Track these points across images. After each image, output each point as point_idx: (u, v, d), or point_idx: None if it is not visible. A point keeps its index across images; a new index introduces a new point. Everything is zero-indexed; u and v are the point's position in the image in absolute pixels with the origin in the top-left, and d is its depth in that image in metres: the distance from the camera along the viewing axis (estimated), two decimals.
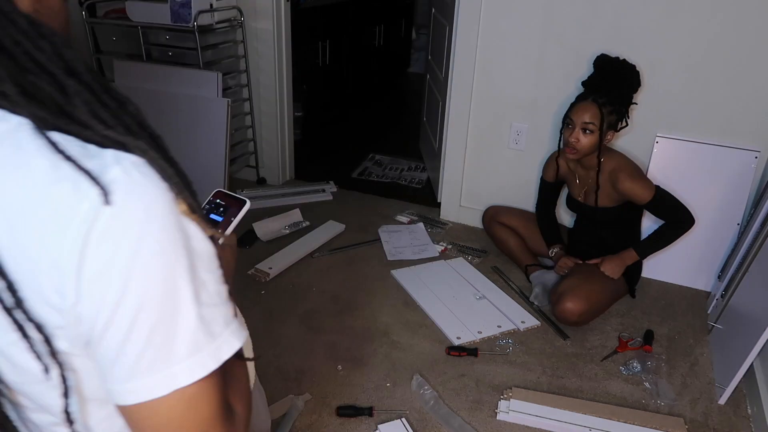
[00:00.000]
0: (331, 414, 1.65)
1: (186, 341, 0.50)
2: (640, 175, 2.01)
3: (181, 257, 0.50)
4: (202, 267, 0.53)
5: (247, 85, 2.86)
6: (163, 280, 0.49)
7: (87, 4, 2.72)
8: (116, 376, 0.50)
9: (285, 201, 2.85)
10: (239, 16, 2.72)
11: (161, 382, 0.50)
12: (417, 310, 2.12)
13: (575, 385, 1.80)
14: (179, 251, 0.50)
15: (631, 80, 2.05)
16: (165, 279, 0.49)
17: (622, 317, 2.13)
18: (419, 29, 5.49)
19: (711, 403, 1.76)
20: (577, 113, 1.96)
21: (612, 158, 2.04)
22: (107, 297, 0.47)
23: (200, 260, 0.53)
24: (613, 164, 2.02)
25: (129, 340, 0.49)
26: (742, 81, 2.11)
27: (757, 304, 1.73)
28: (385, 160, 3.49)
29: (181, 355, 0.50)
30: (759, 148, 2.15)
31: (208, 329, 0.52)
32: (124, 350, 0.49)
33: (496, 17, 2.35)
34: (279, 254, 2.38)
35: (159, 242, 0.49)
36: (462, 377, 1.81)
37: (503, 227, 2.40)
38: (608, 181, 2.03)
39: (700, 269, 2.29)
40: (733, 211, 2.20)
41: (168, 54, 2.67)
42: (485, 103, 2.51)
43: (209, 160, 2.54)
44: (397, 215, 2.78)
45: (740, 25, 2.04)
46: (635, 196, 1.99)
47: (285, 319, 2.04)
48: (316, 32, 3.64)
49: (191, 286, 0.51)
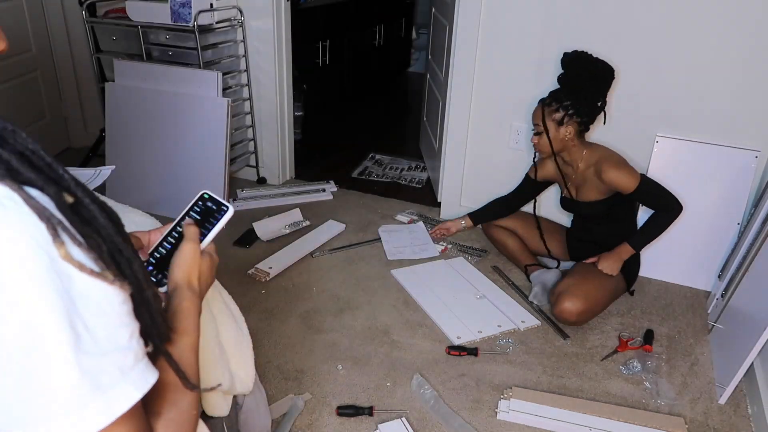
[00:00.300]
0: (331, 414, 1.65)
1: (65, 396, 0.45)
2: (624, 165, 2.04)
3: (51, 303, 0.44)
4: (89, 311, 0.47)
5: (247, 84, 2.86)
6: (24, 331, 0.43)
7: (87, 3, 2.72)
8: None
9: (285, 201, 2.85)
10: (239, 15, 2.72)
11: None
12: (417, 309, 2.12)
13: (575, 384, 1.80)
14: (49, 297, 0.44)
15: (580, 74, 2.06)
16: (26, 330, 0.43)
17: (622, 317, 2.13)
18: (419, 29, 5.49)
19: (711, 403, 1.76)
20: (533, 117, 2.11)
21: (595, 151, 2.09)
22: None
23: (85, 303, 0.46)
24: (596, 156, 2.07)
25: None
26: (742, 81, 2.11)
27: (757, 304, 1.73)
28: (385, 159, 3.49)
29: (59, 412, 0.45)
30: (759, 148, 2.15)
31: (94, 382, 0.46)
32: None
33: (496, 17, 2.35)
34: (279, 254, 2.38)
35: (17, 289, 0.43)
36: (462, 377, 1.81)
37: (501, 229, 2.40)
38: (594, 174, 2.06)
39: (701, 269, 2.29)
40: (733, 211, 2.20)
41: (168, 54, 2.67)
42: (485, 103, 2.51)
43: (209, 159, 2.54)
44: (397, 215, 2.78)
45: (740, 25, 2.04)
46: (621, 185, 2.00)
47: (285, 319, 2.04)
48: (316, 32, 3.64)
49: (68, 334, 0.45)
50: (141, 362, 0.50)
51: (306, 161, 3.31)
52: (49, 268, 0.45)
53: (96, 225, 0.51)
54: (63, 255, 0.46)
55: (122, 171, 2.45)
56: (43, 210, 0.46)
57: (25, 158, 0.48)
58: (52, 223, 0.46)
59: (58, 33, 3.14)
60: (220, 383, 0.95)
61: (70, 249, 0.46)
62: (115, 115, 2.69)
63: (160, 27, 2.60)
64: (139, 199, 2.53)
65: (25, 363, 0.44)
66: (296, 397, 1.68)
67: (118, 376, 0.48)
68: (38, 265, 0.44)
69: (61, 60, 3.21)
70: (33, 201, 0.46)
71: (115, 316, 0.49)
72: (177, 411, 0.58)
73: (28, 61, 3.03)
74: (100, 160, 3.00)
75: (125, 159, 2.67)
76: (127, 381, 0.48)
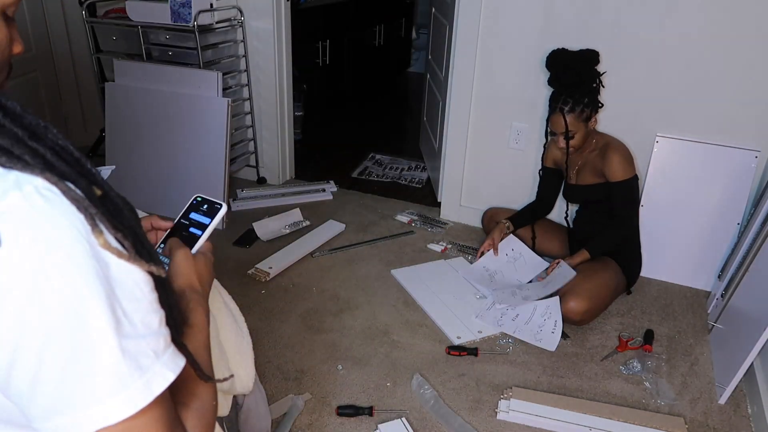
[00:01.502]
0: (331, 413, 1.65)
1: (108, 377, 0.47)
2: (627, 156, 2.09)
3: (94, 289, 0.47)
4: (125, 296, 0.49)
5: (247, 84, 2.86)
6: (69, 315, 0.46)
7: (87, 3, 2.72)
8: (36, 415, 0.48)
9: (285, 201, 2.85)
10: (239, 15, 2.72)
11: (84, 421, 0.47)
12: (417, 309, 2.12)
13: (575, 384, 1.80)
14: (92, 283, 0.47)
15: (581, 69, 2.11)
16: (71, 314, 0.46)
17: (622, 317, 2.13)
18: (419, 29, 5.49)
19: (711, 403, 1.76)
20: (554, 126, 2.11)
21: (604, 137, 2.17)
22: (3, 338, 0.45)
23: (122, 289, 0.49)
24: (607, 139, 2.14)
25: (39, 380, 0.46)
26: (742, 81, 2.11)
27: (757, 304, 1.73)
28: (385, 159, 3.49)
29: (105, 393, 0.47)
30: (759, 148, 2.15)
31: (134, 363, 0.48)
32: (36, 390, 0.46)
33: (496, 17, 2.35)
34: (279, 254, 2.38)
35: (62, 275, 0.46)
36: (462, 377, 1.81)
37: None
38: (598, 155, 2.12)
39: (700, 269, 2.29)
40: (733, 211, 2.20)
41: (168, 54, 2.67)
42: (485, 102, 2.51)
43: (209, 159, 2.54)
44: (397, 215, 2.78)
45: (740, 25, 2.04)
46: (612, 169, 2.05)
47: (285, 319, 2.04)
48: (316, 32, 3.64)
49: (109, 318, 0.47)
50: (170, 347, 0.53)
51: (306, 161, 3.31)
52: (90, 255, 0.48)
53: (121, 217, 0.54)
54: (102, 243, 0.49)
55: (122, 171, 2.45)
56: (82, 200, 0.48)
57: (57, 153, 0.51)
58: (90, 213, 0.48)
59: (58, 33, 3.14)
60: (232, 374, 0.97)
61: (108, 237, 0.49)
62: (115, 115, 2.69)
63: (160, 27, 2.59)
64: (138, 199, 2.52)
65: (70, 347, 0.46)
66: (296, 397, 1.68)
67: (154, 359, 0.50)
68: (81, 252, 0.47)
69: (61, 60, 3.21)
70: (72, 192, 0.48)
71: (147, 302, 0.52)
72: (200, 402, 0.61)
73: (28, 61, 3.03)
74: (100, 160, 3.01)
75: (125, 159, 2.67)
76: (162, 363, 0.51)
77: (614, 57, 2.21)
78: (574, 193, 2.24)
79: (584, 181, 2.16)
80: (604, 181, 2.10)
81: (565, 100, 2.04)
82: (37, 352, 0.46)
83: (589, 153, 2.15)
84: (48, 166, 0.49)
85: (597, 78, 2.14)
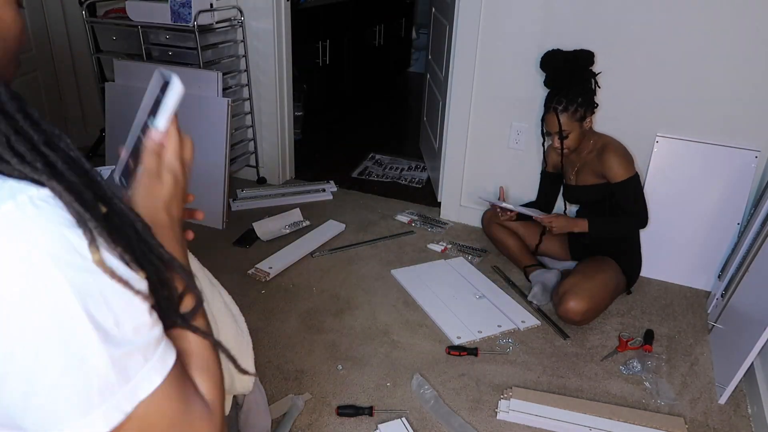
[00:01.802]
0: (331, 413, 1.65)
1: (99, 386, 0.47)
2: (626, 156, 2.08)
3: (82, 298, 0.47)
4: (116, 303, 0.49)
5: (247, 84, 2.86)
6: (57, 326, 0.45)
7: (87, 3, 2.72)
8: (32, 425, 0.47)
9: (285, 201, 2.85)
10: (239, 15, 2.72)
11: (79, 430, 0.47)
12: (417, 309, 2.12)
13: (575, 384, 1.80)
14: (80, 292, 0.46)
15: (575, 69, 2.12)
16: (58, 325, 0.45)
17: (622, 317, 2.13)
18: (419, 29, 5.49)
19: (711, 403, 1.76)
20: (548, 126, 2.10)
21: (602, 137, 2.15)
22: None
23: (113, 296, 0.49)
24: (605, 140, 2.13)
25: (33, 392, 0.46)
26: (742, 81, 2.11)
27: (757, 304, 1.73)
28: (385, 159, 3.49)
29: (95, 402, 0.47)
30: (759, 148, 2.15)
31: (122, 371, 0.48)
32: (30, 401, 0.46)
33: (496, 17, 2.35)
34: (279, 254, 2.38)
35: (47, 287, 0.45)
36: (462, 377, 1.81)
37: (502, 228, 2.40)
38: (595, 156, 2.11)
39: (701, 269, 2.29)
40: (733, 211, 2.20)
41: (168, 54, 2.67)
42: (485, 102, 2.51)
43: (209, 160, 2.54)
44: (397, 215, 2.78)
45: (740, 25, 2.04)
46: (613, 170, 2.04)
47: (285, 319, 2.04)
48: (316, 32, 3.64)
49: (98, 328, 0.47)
50: (160, 346, 0.53)
51: (306, 161, 3.31)
52: (81, 267, 0.47)
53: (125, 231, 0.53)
54: (96, 260, 0.48)
55: None
56: (83, 214, 0.48)
57: (67, 163, 0.51)
58: (89, 227, 0.48)
59: (58, 33, 3.14)
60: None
61: (104, 254, 0.49)
62: (115, 115, 2.69)
63: (160, 27, 2.59)
64: None
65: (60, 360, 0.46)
66: (296, 397, 1.68)
67: (143, 363, 0.50)
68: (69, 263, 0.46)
69: (61, 60, 3.20)
70: (75, 205, 0.48)
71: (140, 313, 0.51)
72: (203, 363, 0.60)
73: (28, 62, 3.03)
74: (100, 160, 3.01)
75: None
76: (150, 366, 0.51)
77: (614, 57, 2.21)
78: (573, 194, 2.24)
79: (584, 182, 2.16)
80: (604, 182, 2.09)
81: (558, 100, 2.04)
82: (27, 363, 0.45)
83: (587, 154, 2.14)
84: (56, 174, 0.49)
85: (592, 78, 2.14)
